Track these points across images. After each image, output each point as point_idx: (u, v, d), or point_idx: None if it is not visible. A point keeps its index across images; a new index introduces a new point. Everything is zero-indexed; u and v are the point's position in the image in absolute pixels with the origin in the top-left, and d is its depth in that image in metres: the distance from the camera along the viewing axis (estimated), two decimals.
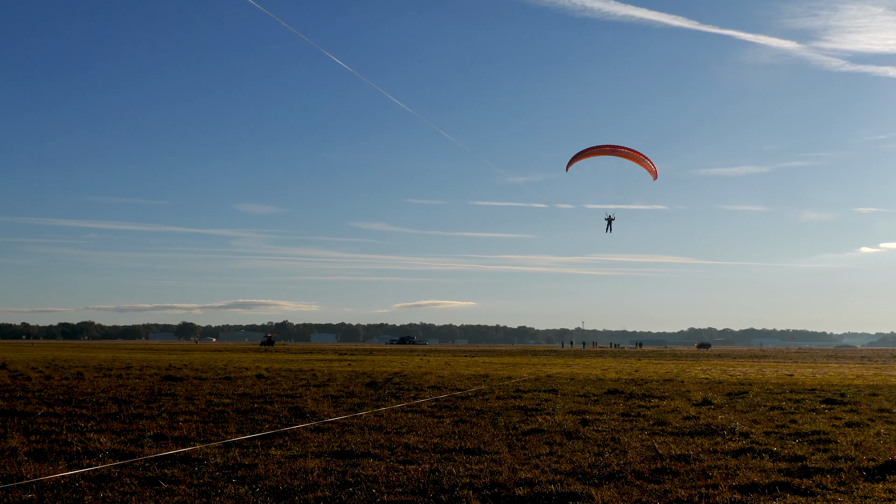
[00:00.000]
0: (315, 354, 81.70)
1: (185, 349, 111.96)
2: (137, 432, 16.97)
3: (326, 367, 48.47)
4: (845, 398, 26.76)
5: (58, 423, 18.20)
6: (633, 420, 20.33)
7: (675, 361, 69.37)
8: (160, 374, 37.00)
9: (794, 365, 62.15)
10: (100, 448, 14.76)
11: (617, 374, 42.31)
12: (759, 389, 31.00)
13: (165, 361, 54.59)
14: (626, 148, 55.00)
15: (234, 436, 16.79)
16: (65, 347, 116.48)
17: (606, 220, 57.43)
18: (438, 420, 19.81)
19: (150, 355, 72.64)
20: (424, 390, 29.05)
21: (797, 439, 17.17)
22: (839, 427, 19.20)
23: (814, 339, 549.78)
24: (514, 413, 21.61)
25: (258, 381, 33.44)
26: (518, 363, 60.14)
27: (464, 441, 16.29)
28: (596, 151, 54.79)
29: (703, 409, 23.21)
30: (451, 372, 43.06)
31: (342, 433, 17.36)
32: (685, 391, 29.92)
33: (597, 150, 54.81)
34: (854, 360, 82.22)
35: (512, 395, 27.10)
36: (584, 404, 24.30)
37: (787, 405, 24.49)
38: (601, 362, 64.65)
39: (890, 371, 50.34)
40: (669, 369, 50.25)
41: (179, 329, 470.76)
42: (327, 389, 28.86)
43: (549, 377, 38.94)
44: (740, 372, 47.04)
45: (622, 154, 54.30)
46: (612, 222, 57.15)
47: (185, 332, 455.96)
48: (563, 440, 16.71)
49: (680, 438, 17.15)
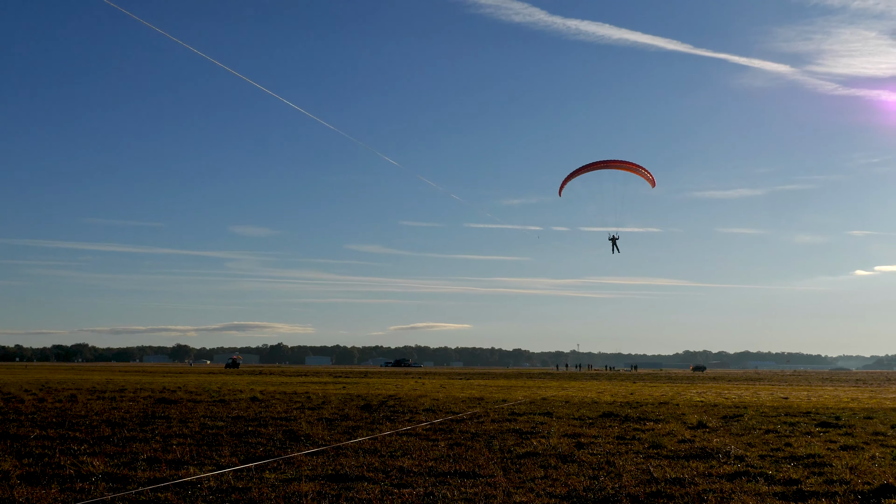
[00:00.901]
0: (310, 377, 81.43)
1: (179, 371, 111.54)
2: (131, 455, 16.88)
3: (321, 389, 48.31)
4: (840, 421, 26.69)
5: (51, 446, 18.10)
6: (628, 443, 20.26)
7: (670, 384, 69.26)
8: (154, 397, 36.84)
9: (789, 388, 62.06)
10: (93, 471, 14.67)
11: (612, 397, 42.20)
12: (755, 412, 30.92)
13: (159, 384, 54.36)
14: (619, 160, 54.10)
15: (228, 459, 16.70)
16: (58, 370, 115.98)
17: (611, 241, 56.41)
18: (433, 443, 19.71)
19: (144, 378, 72.37)
20: (419, 413, 28.93)
21: (792, 462, 17.12)
22: (834, 450, 19.16)
23: (809, 361, 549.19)
24: (509, 436, 21.52)
25: (252, 403, 33.31)
26: (513, 386, 60.00)
27: (459, 464, 16.23)
28: (588, 168, 53.59)
29: (698, 432, 23.13)
30: (446, 395, 42.93)
31: (336, 456, 17.27)
32: (680, 414, 29.85)
33: (589, 167, 53.59)
34: (849, 382, 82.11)
35: (507, 418, 26.99)
36: (580, 427, 24.21)
37: (783, 428, 24.41)
38: (596, 385, 64.52)
39: (885, 394, 50.24)
40: (664, 392, 50.14)
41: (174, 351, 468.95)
42: (322, 412, 28.74)
43: (545, 400, 38.83)
44: (735, 395, 46.95)
45: (616, 166, 53.44)
46: (616, 241, 56.15)
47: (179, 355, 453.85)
48: (558, 463, 16.65)
49: (675, 462, 17.08)
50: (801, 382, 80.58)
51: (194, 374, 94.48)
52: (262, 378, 74.56)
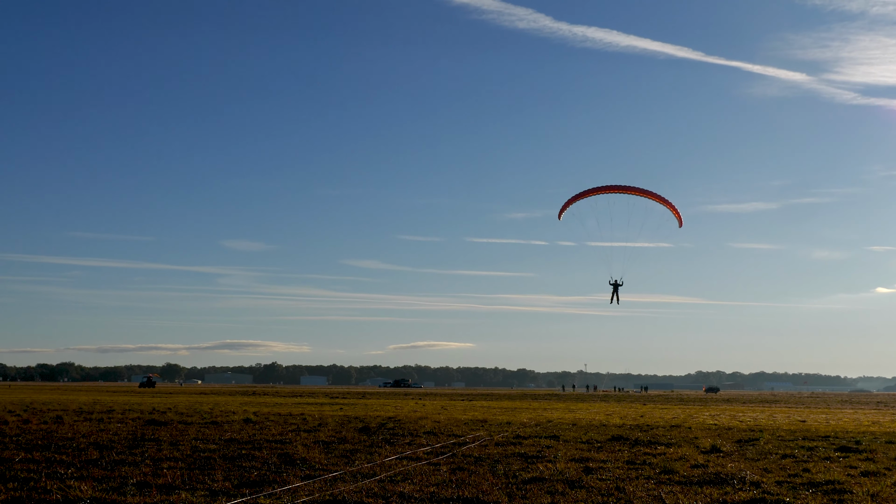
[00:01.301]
0: (305, 398, 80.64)
1: (169, 392, 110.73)
2: (120, 480, 16.46)
3: (317, 411, 47.60)
4: (861, 446, 26.03)
5: (36, 470, 17.67)
6: (638, 468, 19.72)
7: (682, 406, 68.48)
8: (143, 418, 36.12)
9: (807, 410, 61.31)
10: (80, 496, 14.39)
11: (621, 420, 41.46)
12: (771, 436, 30.26)
13: (149, 405, 53.61)
14: (639, 188, 48.04)
15: (222, 483, 16.14)
16: (43, 389, 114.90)
17: (612, 286, 51.09)
18: (435, 468, 19.19)
19: (133, 398, 71.62)
20: (420, 436, 28.29)
21: (810, 489, 16.73)
22: (854, 476, 18.67)
23: (827, 383, 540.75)
24: (514, 460, 20.95)
25: (246, 425, 32.62)
26: (518, 407, 59.27)
27: (461, 490, 15.83)
28: (598, 191, 47.88)
29: (711, 456, 22.55)
30: (447, 416, 42.23)
31: (334, 481, 16.68)
32: (693, 438, 29.17)
33: (600, 190, 47.83)
34: (870, 405, 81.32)
35: (511, 442, 26.41)
36: (587, 451, 23.61)
37: (800, 453, 23.83)
38: (605, 407, 63.78)
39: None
40: (676, 415, 49.37)
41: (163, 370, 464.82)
42: (318, 435, 28.12)
43: (551, 422, 38.12)
44: (750, 417, 46.22)
45: (637, 192, 47.73)
46: (618, 289, 50.88)
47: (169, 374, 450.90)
48: (566, 489, 16.25)
49: (688, 488, 16.69)
50: (820, 405, 79.87)
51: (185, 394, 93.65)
52: (256, 399, 73.76)
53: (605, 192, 48.33)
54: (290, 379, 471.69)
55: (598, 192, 48.21)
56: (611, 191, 48.08)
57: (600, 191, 48.07)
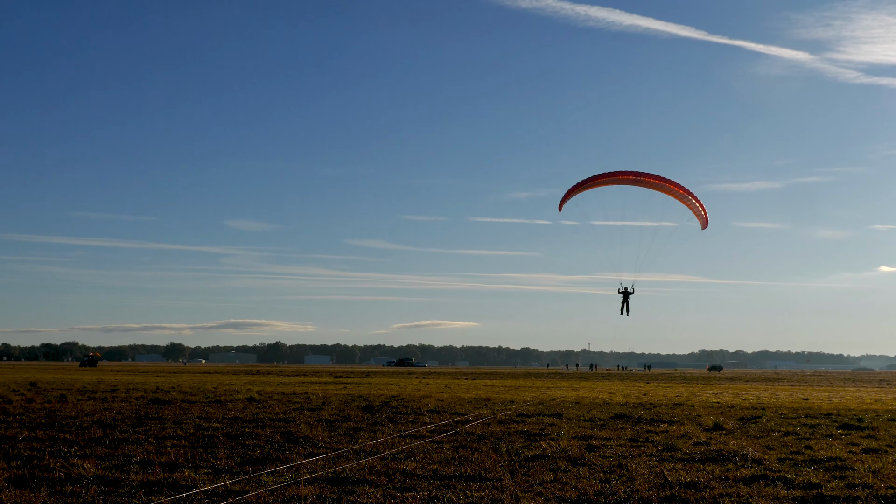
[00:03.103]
0: (309, 377, 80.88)
1: (173, 371, 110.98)
2: (123, 458, 16.52)
3: (321, 390, 47.72)
4: (863, 423, 26.04)
5: (40, 449, 17.74)
6: (640, 446, 19.74)
7: (685, 385, 68.60)
8: (147, 397, 36.22)
9: (810, 388, 61.40)
10: (83, 474, 14.39)
11: (624, 398, 41.52)
12: (773, 414, 30.29)
13: (153, 384, 53.78)
14: (653, 177, 40.98)
15: (224, 461, 16.17)
16: (47, 369, 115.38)
17: (621, 294, 45.87)
18: (438, 445, 19.21)
19: (137, 377, 71.86)
20: (423, 414, 28.34)
21: (812, 466, 16.75)
22: (856, 454, 18.67)
23: (830, 361, 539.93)
24: (517, 438, 20.98)
25: (249, 404, 32.70)
26: (521, 386, 59.40)
27: (464, 467, 15.84)
28: (605, 180, 40.92)
29: (714, 434, 22.57)
30: (451, 395, 42.32)
31: (337, 459, 16.71)
32: (695, 416, 29.20)
33: (608, 179, 40.81)
34: (872, 383, 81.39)
35: (514, 420, 26.45)
36: (590, 429, 23.63)
37: (802, 430, 23.86)
38: (608, 385, 63.90)
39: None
40: (679, 393, 49.45)
41: (167, 350, 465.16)
42: (322, 413, 28.17)
43: (554, 401, 38.18)
44: (753, 396, 46.28)
45: (651, 184, 40.75)
46: (628, 298, 45.84)
47: (173, 354, 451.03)
48: (568, 466, 16.25)
49: (690, 465, 16.71)
50: (822, 383, 79.98)
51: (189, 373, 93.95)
52: (260, 378, 74.01)
53: (614, 181, 41.73)
54: (294, 358, 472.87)
55: (605, 182, 42.01)
56: (620, 180, 41.54)
57: (607, 180, 41.76)
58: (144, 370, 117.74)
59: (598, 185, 42.15)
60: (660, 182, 41.42)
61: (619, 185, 42.38)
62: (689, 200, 42.07)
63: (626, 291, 46.02)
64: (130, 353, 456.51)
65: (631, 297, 46.20)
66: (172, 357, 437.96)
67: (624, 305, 46.10)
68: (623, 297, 46.05)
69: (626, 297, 45.96)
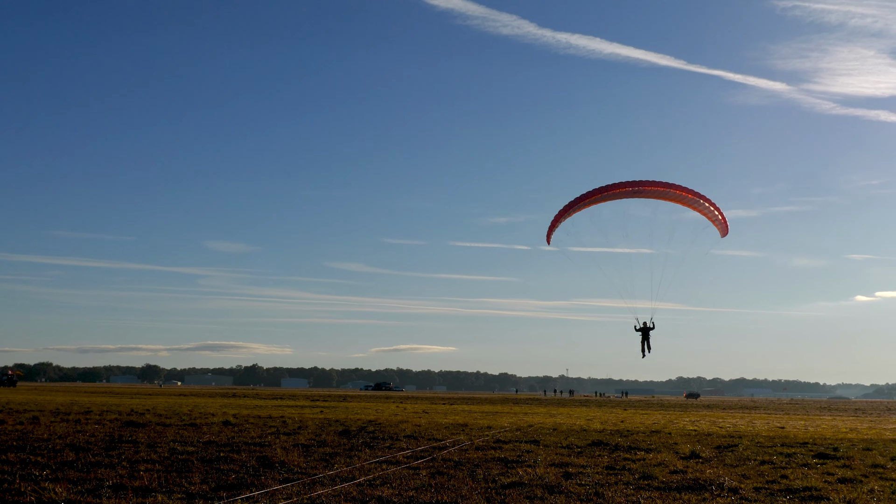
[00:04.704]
0: (286, 400, 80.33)
1: (148, 393, 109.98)
2: (95, 482, 16.30)
3: (297, 413, 47.39)
4: (838, 453, 26.16)
5: (10, 472, 17.47)
6: (617, 473, 19.68)
7: (662, 412, 68.50)
8: (121, 420, 35.83)
9: (786, 417, 61.46)
10: (55, 498, 14.25)
11: (602, 425, 41.43)
12: (750, 442, 30.31)
13: (127, 406, 53.23)
14: (658, 183, 35.49)
15: (198, 486, 15.96)
16: (20, 390, 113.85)
17: (640, 332, 39.89)
18: (414, 472, 19.08)
19: (111, 399, 71.11)
20: (400, 440, 28.17)
21: (788, 496, 16.81)
22: (832, 483, 18.71)
23: (806, 389, 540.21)
24: (494, 465, 20.87)
25: (225, 427, 32.42)
26: (499, 412, 59.16)
27: (440, 494, 15.77)
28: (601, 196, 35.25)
29: (690, 462, 22.54)
30: (428, 420, 42.12)
31: (312, 484, 16.57)
32: (672, 443, 29.16)
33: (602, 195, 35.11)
34: (848, 412, 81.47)
35: (492, 446, 26.32)
36: (567, 456, 23.54)
37: (778, 459, 23.89)
38: (585, 412, 63.75)
39: (885, 424, 49.67)
40: (656, 420, 49.38)
41: (143, 371, 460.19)
42: (298, 438, 27.96)
43: (531, 427, 38.06)
44: (730, 423, 46.26)
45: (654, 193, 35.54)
46: (649, 335, 39.83)
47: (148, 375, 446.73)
48: (545, 494, 16.20)
49: (666, 494, 16.70)
50: (799, 411, 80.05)
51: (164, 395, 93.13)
52: (236, 401, 73.42)
53: (609, 197, 36.03)
54: (270, 381, 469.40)
55: (599, 200, 36.13)
56: (616, 195, 35.95)
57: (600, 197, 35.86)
58: (119, 392, 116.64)
59: (592, 205, 36.73)
60: (664, 189, 36.23)
61: (617, 201, 36.71)
62: (702, 205, 37.04)
63: (645, 327, 39.95)
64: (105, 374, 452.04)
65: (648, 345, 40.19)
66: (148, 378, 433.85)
67: (644, 344, 40.13)
68: (643, 334, 39.97)
69: (647, 333, 39.94)
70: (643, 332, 39.68)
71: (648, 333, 39.70)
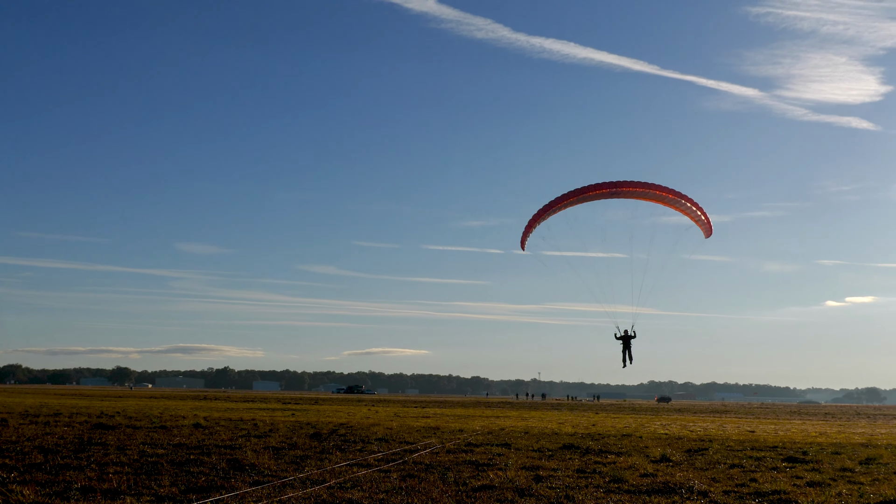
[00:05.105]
0: (257, 403, 80.00)
1: (118, 395, 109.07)
2: (64, 484, 16.17)
3: (269, 416, 47.21)
4: (807, 456, 26.33)
5: None
6: (588, 477, 19.71)
7: (633, 416, 68.75)
8: (91, 422, 35.53)
9: (756, 421, 61.81)
10: (23, 501, 14.19)
11: (573, 428, 41.51)
12: (720, 446, 30.46)
13: (97, 408, 52.79)
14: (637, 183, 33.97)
15: (168, 489, 15.86)
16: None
17: (621, 341, 37.52)
18: (385, 475, 19.04)
19: (81, 401, 70.48)
20: (372, 443, 28.12)
21: (757, 499, 16.88)
22: (800, 487, 18.82)
23: (777, 394, 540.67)
24: (465, 468, 20.87)
25: (195, 430, 32.23)
26: (471, 415, 59.14)
27: (411, 497, 15.77)
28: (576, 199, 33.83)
29: (661, 466, 22.63)
30: (400, 423, 42.06)
31: (283, 487, 16.50)
32: (643, 447, 29.26)
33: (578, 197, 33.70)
34: (817, 416, 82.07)
35: (463, 449, 26.31)
36: (538, 459, 23.58)
37: (748, 463, 24.01)
38: (557, 415, 63.88)
39: (853, 428, 50.10)
40: (628, 424, 49.55)
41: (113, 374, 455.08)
42: (269, 440, 27.83)
43: (503, 430, 38.07)
44: (701, 427, 46.46)
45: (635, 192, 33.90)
46: (630, 344, 37.47)
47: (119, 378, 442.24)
48: (515, 497, 16.22)
49: (636, 497, 16.75)
50: (769, 415, 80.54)
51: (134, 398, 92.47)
52: (207, 403, 73.00)
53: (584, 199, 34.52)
54: (242, 384, 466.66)
55: (574, 202, 34.79)
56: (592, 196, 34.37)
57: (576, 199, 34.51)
58: (89, 394, 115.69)
59: (568, 207, 35.13)
60: (643, 189, 34.72)
61: (594, 202, 35.03)
62: (684, 205, 35.63)
63: (626, 336, 37.66)
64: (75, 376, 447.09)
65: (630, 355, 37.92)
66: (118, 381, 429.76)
67: (626, 353, 37.76)
68: (623, 343, 37.62)
69: (628, 342, 37.66)
70: (624, 341, 37.70)
71: (630, 342, 37.78)
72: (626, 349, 37.51)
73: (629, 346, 37.50)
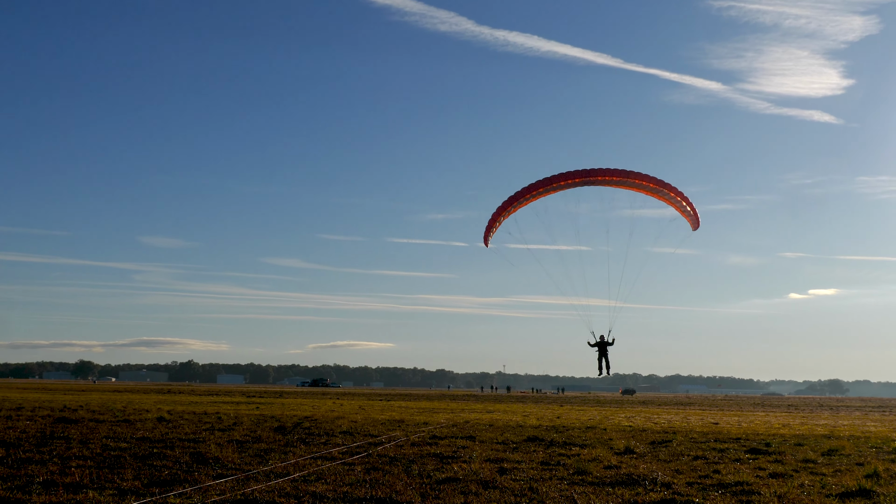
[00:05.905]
0: (221, 396, 79.56)
1: (81, 389, 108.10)
2: (26, 478, 16.02)
3: (233, 409, 46.97)
4: (770, 448, 26.58)
5: None
6: (552, 469, 19.79)
7: (598, 408, 69.13)
8: (53, 416, 35.20)
9: (720, 413, 62.33)
10: None
11: (538, 421, 41.67)
12: (684, 438, 30.70)
13: (60, 402, 52.30)
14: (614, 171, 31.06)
15: (130, 483, 15.73)
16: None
17: (596, 347, 34.92)
18: (349, 468, 19.00)
19: (44, 395, 69.81)
20: (336, 436, 28.07)
21: (720, 490, 16.96)
22: (763, 478, 18.97)
23: (740, 386, 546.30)
24: (429, 460, 20.87)
25: (159, 424, 32.01)
26: (435, 408, 59.22)
27: (375, 490, 15.72)
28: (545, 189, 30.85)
29: (625, 458, 22.76)
30: (364, 416, 42.02)
31: (247, 480, 16.42)
32: (607, 439, 29.43)
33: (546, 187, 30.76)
34: (781, 408, 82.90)
35: (428, 442, 26.33)
36: (503, 452, 23.65)
37: (712, 455, 24.20)
38: (522, 408, 64.08)
39: (816, 420, 50.64)
40: (592, 416, 49.81)
41: (76, 368, 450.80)
42: (233, 434, 27.70)
43: (468, 423, 38.15)
44: (665, 420, 46.80)
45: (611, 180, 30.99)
46: (607, 351, 34.88)
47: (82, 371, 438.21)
48: (479, 489, 16.23)
49: (600, 489, 16.80)
50: (733, 407, 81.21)
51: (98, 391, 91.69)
52: (171, 397, 72.52)
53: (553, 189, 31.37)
54: (206, 377, 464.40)
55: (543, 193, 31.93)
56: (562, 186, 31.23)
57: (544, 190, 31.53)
58: (52, 388, 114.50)
59: (535, 199, 32.42)
60: (620, 178, 31.59)
61: (564, 192, 32.09)
62: (667, 195, 33.07)
63: (602, 343, 35.03)
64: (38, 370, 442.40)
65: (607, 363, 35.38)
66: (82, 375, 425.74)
67: (602, 361, 35.13)
68: (599, 350, 34.94)
69: (604, 349, 34.99)
70: (600, 348, 35.10)
71: (606, 349, 35.09)
72: (602, 356, 35.17)
73: (605, 353, 35.14)
